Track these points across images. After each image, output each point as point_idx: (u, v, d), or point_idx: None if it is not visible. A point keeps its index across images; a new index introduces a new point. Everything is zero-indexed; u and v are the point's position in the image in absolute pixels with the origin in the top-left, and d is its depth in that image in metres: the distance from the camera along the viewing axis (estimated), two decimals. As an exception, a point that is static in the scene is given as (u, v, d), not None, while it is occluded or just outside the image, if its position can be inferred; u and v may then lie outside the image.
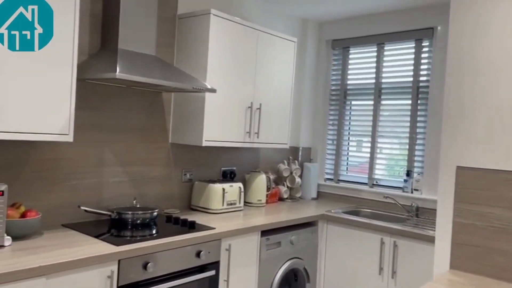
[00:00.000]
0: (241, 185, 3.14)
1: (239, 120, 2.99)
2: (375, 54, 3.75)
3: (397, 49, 3.66)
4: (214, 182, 3.02)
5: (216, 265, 2.45)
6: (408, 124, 3.54)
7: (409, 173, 3.48)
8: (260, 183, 3.35)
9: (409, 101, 3.54)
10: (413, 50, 3.53)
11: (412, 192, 3.44)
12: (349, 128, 3.96)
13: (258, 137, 3.13)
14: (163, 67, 2.57)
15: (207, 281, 2.40)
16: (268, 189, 3.46)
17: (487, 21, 2.01)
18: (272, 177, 3.56)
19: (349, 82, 3.94)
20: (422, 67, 3.49)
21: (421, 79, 3.49)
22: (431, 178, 3.30)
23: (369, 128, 3.76)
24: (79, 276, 1.84)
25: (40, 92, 1.96)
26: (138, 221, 2.45)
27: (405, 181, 3.48)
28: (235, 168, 3.41)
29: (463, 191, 2.05)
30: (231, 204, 3.05)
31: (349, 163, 3.96)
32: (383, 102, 3.72)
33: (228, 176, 3.33)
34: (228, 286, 2.53)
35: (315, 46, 4.07)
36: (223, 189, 2.98)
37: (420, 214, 3.31)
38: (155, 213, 2.53)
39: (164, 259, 2.18)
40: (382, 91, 3.71)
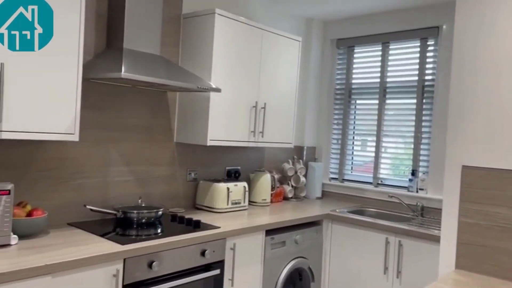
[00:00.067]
0: (245, 184, 3.14)
1: (243, 119, 2.99)
2: (380, 53, 3.74)
3: (402, 48, 3.64)
4: (218, 181, 3.03)
5: (221, 264, 2.45)
6: (413, 123, 3.53)
7: (414, 173, 3.47)
8: (265, 182, 3.35)
9: (414, 100, 3.53)
10: (418, 49, 3.52)
11: (417, 192, 3.43)
12: (354, 127, 3.95)
13: (263, 136, 3.13)
14: (168, 67, 2.58)
15: (212, 280, 2.41)
16: (272, 189, 3.46)
17: (491, 20, 2.00)
18: (276, 176, 3.57)
19: (354, 81, 3.93)
20: (427, 66, 3.48)
21: (426, 78, 3.47)
22: (436, 178, 3.29)
23: (374, 128, 3.75)
24: (84, 275, 1.85)
25: (45, 92, 1.97)
26: (143, 220, 2.46)
27: (410, 180, 3.47)
28: (239, 168, 3.41)
29: (469, 190, 2.04)
30: (236, 204, 3.05)
31: (354, 162, 3.96)
32: (388, 101, 3.71)
33: (233, 176, 3.33)
34: (232, 285, 2.54)
35: (320, 45, 4.06)
36: (228, 189, 2.99)
37: (425, 214, 3.30)
38: (160, 212, 2.54)
39: (169, 258, 2.19)
40: (387, 90, 3.70)
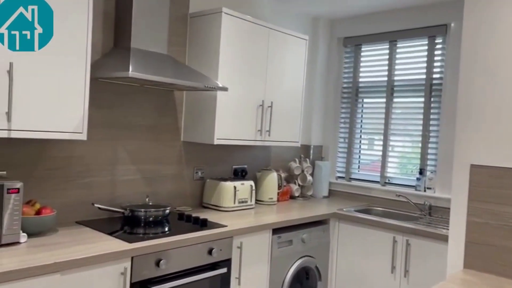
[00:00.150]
0: (252, 183, 3.15)
1: (250, 118, 2.99)
2: (387, 51, 3.72)
3: (409, 46, 3.62)
4: (225, 180, 3.03)
5: (227, 262, 2.46)
6: (421, 122, 3.50)
7: (422, 171, 3.45)
8: (271, 181, 3.35)
9: (422, 99, 3.51)
10: (426, 47, 3.49)
11: (425, 191, 3.41)
12: (361, 126, 3.94)
13: (270, 135, 3.13)
14: (175, 66, 2.59)
15: (219, 278, 2.41)
16: (279, 187, 3.46)
17: (501, 18, 1.98)
18: (283, 175, 3.56)
19: (361, 80, 3.92)
20: (435, 65, 3.45)
21: (434, 76, 3.45)
22: (444, 177, 3.27)
23: (381, 126, 3.74)
24: (93, 273, 1.87)
25: (54, 91, 1.98)
26: (151, 219, 2.47)
27: (418, 179, 3.45)
28: (246, 166, 3.42)
29: (477, 189, 2.03)
30: (243, 202, 3.05)
31: (360, 161, 3.94)
32: (395, 100, 3.69)
33: (240, 174, 3.33)
34: (239, 283, 2.54)
35: (327, 43, 4.05)
36: (235, 187, 2.99)
37: (433, 213, 3.28)
38: (167, 211, 2.55)
39: (177, 256, 2.20)
40: (395, 89, 3.68)
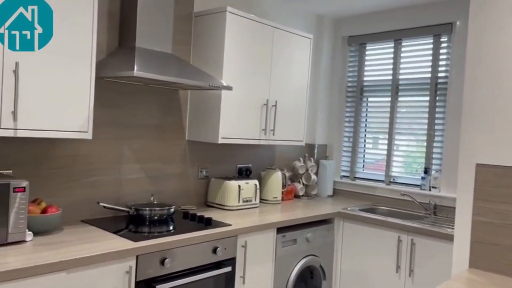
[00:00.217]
0: (256, 182, 3.15)
1: (255, 117, 2.99)
2: (392, 50, 3.70)
3: (414, 45, 3.61)
4: (230, 179, 3.04)
5: (232, 261, 2.46)
6: (426, 121, 3.49)
7: (427, 171, 3.44)
8: (276, 180, 3.35)
9: (427, 98, 3.49)
10: (431, 46, 3.48)
11: (430, 190, 3.40)
12: (365, 125, 3.93)
13: (274, 134, 3.13)
14: (180, 65, 2.59)
15: (223, 277, 2.42)
16: (283, 186, 3.46)
17: (507, 17, 1.96)
18: (287, 174, 3.56)
19: (365, 79, 3.91)
20: (440, 63, 3.44)
21: (440, 75, 3.43)
22: (450, 176, 3.26)
23: (386, 125, 3.73)
24: (98, 271, 1.87)
25: (59, 91, 1.99)
26: (156, 217, 2.48)
27: (423, 178, 3.44)
28: (250, 165, 3.42)
29: (483, 188, 2.02)
30: (247, 201, 3.06)
31: (365, 160, 3.94)
32: (400, 98, 3.68)
33: (244, 173, 3.33)
34: (244, 282, 2.54)
35: (331, 42, 4.04)
36: (239, 186, 2.99)
37: (438, 212, 3.27)
38: (172, 210, 2.55)
39: (181, 255, 2.20)
40: (400, 88, 3.67)
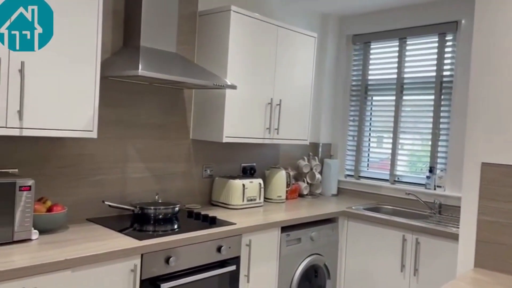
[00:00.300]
0: (261, 181, 3.15)
1: (259, 116, 2.99)
2: (397, 48, 3.69)
3: (419, 43, 3.59)
4: (234, 178, 3.04)
5: (236, 260, 2.47)
6: (431, 120, 3.48)
7: (431, 170, 3.43)
8: (280, 179, 3.35)
9: (432, 97, 3.48)
10: (436, 45, 3.46)
11: (435, 189, 3.39)
12: (370, 124, 3.92)
13: (278, 133, 3.13)
14: (184, 64, 2.59)
15: (228, 275, 2.42)
16: (288, 185, 3.46)
17: (514, 13, 1.96)
18: (292, 173, 3.56)
19: (370, 78, 3.90)
20: (445, 62, 3.42)
21: (445, 73, 3.42)
22: (455, 175, 3.25)
23: (390, 124, 3.71)
24: (103, 270, 1.88)
25: (64, 90, 2.00)
26: (160, 216, 2.49)
27: (428, 177, 3.43)
28: (255, 164, 3.42)
29: (488, 188, 2.01)
30: (251, 200, 3.06)
31: (370, 159, 3.93)
32: (405, 97, 3.66)
33: (248, 172, 3.34)
34: (248, 281, 2.55)
35: (336, 41, 4.03)
36: (243, 185, 2.99)
37: (443, 211, 3.26)
38: (176, 209, 2.56)
39: (186, 253, 2.21)
40: (404, 86, 3.66)
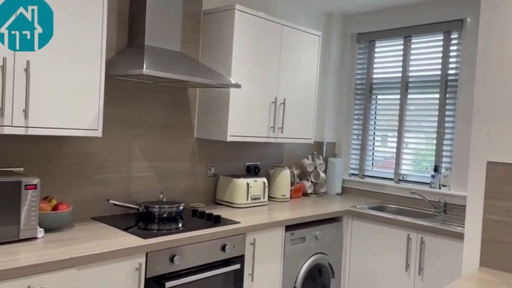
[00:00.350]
0: (265, 180, 3.15)
1: (263, 115, 2.99)
2: (401, 47, 3.67)
3: (424, 42, 3.57)
4: (238, 177, 3.04)
5: (241, 259, 2.47)
6: (435, 119, 3.46)
7: (436, 169, 3.41)
8: (284, 178, 3.35)
9: (437, 95, 3.46)
10: (441, 43, 3.44)
11: (440, 188, 3.37)
12: (374, 123, 3.91)
13: (282, 132, 3.13)
14: (189, 63, 2.60)
15: (232, 274, 2.42)
16: (292, 184, 3.46)
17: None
18: (296, 172, 3.56)
19: (374, 76, 3.88)
20: (450, 60, 3.40)
21: (450, 72, 3.40)
22: (460, 174, 3.23)
23: (395, 123, 3.70)
24: (108, 268, 1.89)
25: (69, 89, 2.01)
26: (165, 215, 2.50)
27: (433, 176, 3.41)
28: (259, 163, 3.42)
29: (494, 187, 2.00)
30: (256, 199, 3.06)
31: (374, 158, 3.92)
32: (409, 96, 3.65)
33: (252, 171, 3.34)
34: (252, 280, 2.55)
35: (340, 40, 4.02)
36: (248, 184, 2.99)
37: (448, 210, 3.24)
38: (181, 207, 2.56)
39: (190, 252, 2.21)
40: (409, 85, 3.64)
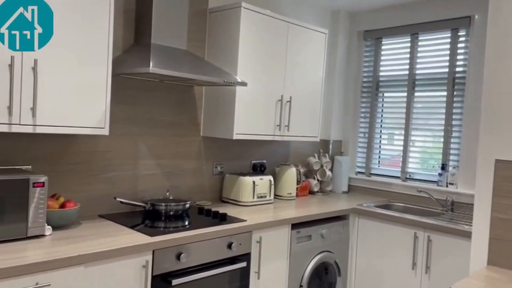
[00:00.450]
0: (271, 178, 3.15)
1: (269, 113, 2.99)
2: (408, 44, 3.65)
3: (432, 39, 3.55)
4: (244, 175, 3.04)
5: (247, 256, 2.47)
6: (443, 117, 3.44)
7: (444, 167, 3.39)
8: (290, 176, 3.35)
9: (444, 93, 3.44)
10: (448, 40, 3.42)
11: (447, 186, 3.35)
12: (381, 121, 3.89)
13: (289, 130, 3.12)
14: (195, 61, 2.60)
15: (238, 272, 2.43)
16: (298, 182, 3.45)
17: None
18: (302, 170, 3.55)
19: (381, 74, 3.86)
20: (458, 58, 3.38)
21: (457, 70, 3.38)
22: (467, 172, 3.21)
23: (402, 121, 3.68)
24: (115, 265, 1.90)
25: (77, 87, 2.02)
26: (171, 213, 2.50)
27: (440, 174, 3.39)
28: (265, 161, 3.42)
29: (502, 185, 1.98)
30: (262, 197, 3.06)
31: (381, 156, 3.90)
32: (416, 94, 3.63)
33: (259, 169, 3.33)
34: (259, 277, 2.55)
35: (347, 37, 4.00)
36: (254, 182, 3.00)
37: (455, 209, 3.23)
38: (187, 205, 2.57)
39: (197, 250, 2.22)
40: (416, 83, 3.62)
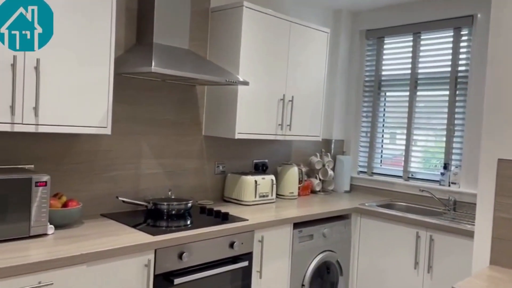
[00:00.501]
0: (273, 177, 3.15)
1: (271, 112, 2.99)
2: (411, 44, 3.64)
3: (434, 38, 3.54)
4: (246, 174, 3.04)
5: (249, 256, 2.47)
6: (445, 116, 3.43)
7: (446, 166, 3.39)
8: (292, 175, 3.34)
9: (446, 92, 3.43)
10: (451, 39, 3.41)
11: (450, 186, 3.35)
12: (383, 120, 3.88)
13: (290, 129, 3.12)
14: (197, 61, 2.60)
15: (240, 271, 2.43)
16: (300, 182, 3.45)
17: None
18: (304, 169, 3.55)
19: (383, 73, 3.86)
20: (461, 57, 3.37)
21: (460, 69, 3.37)
22: (470, 171, 3.21)
23: (404, 120, 3.68)
24: (117, 264, 1.90)
25: (79, 87, 2.02)
26: (173, 212, 2.51)
27: (442, 174, 3.39)
28: (267, 161, 3.42)
29: (505, 184, 1.97)
30: (263, 196, 3.06)
31: (383, 155, 3.89)
32: (419, 93, 3.62)
33: (260, 169, 3.34)
34: (260, 277, 2.55)
35: (349, 36, 4.00)
36: (256, 181, 3.00)
37: (458, 208, 3.22)
38: (189, 204, 2.57)
39: (199, 249, 2.22)
40: (418, 82, 3.61)
